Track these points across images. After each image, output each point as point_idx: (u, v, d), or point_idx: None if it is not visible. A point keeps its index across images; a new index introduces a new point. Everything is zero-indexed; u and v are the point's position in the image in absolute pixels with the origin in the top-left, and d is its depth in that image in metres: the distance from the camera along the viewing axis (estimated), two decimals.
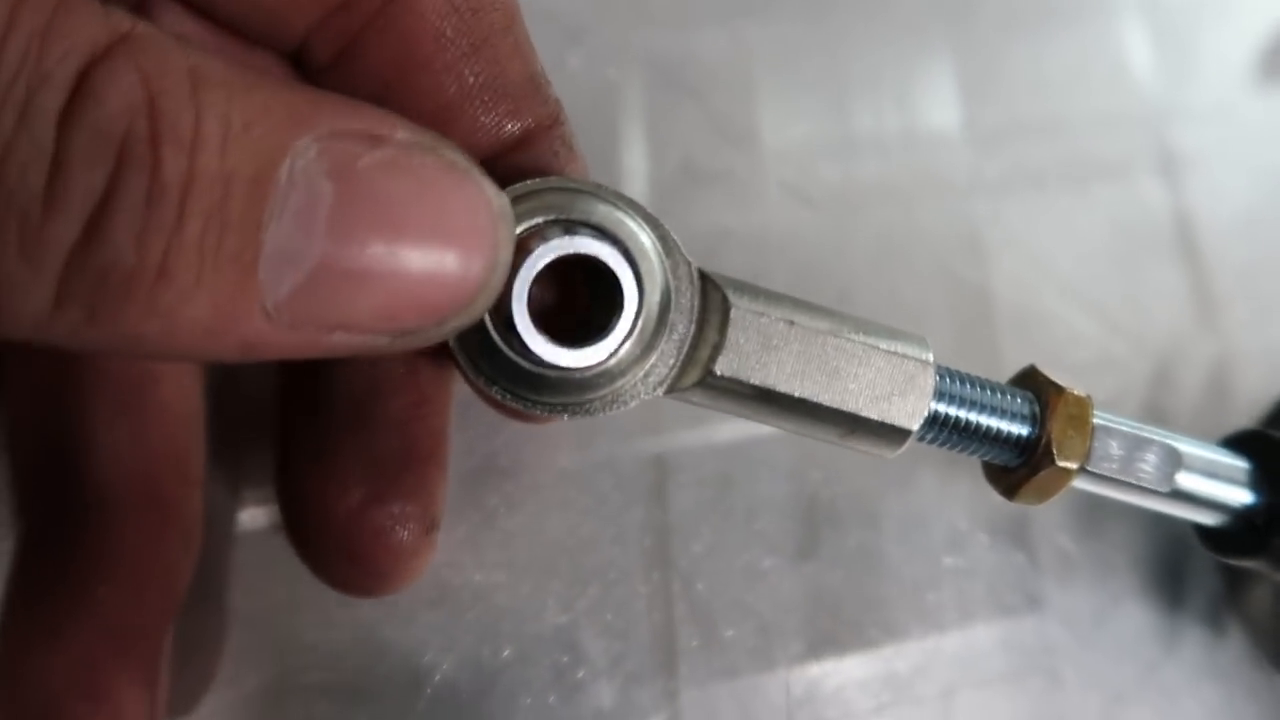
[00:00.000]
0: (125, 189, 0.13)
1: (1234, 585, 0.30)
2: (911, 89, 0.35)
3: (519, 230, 0.18)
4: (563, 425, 0.29)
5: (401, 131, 0.15)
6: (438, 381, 0.23)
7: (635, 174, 0.32)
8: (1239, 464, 0.24)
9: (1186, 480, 0.22)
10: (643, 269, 0.19)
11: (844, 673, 0.28)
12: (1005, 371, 0.23)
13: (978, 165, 0.34)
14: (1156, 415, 0.32)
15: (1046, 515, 0.30)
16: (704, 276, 0.20)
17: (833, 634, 0.28)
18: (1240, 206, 0.36)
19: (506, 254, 0.17)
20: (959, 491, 0.30)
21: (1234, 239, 0.35)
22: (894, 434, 0.20)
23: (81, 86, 0.12)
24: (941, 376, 0.21)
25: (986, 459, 0.22)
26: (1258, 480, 0.24)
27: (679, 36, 0.33)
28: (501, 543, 0.28)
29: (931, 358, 0.20)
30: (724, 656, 0.28)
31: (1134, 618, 0.30)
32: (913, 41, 0.35)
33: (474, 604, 0.27)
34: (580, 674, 0.27)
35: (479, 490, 0.28)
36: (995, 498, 0.30)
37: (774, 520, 0.29)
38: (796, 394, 0.20)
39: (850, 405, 0.20)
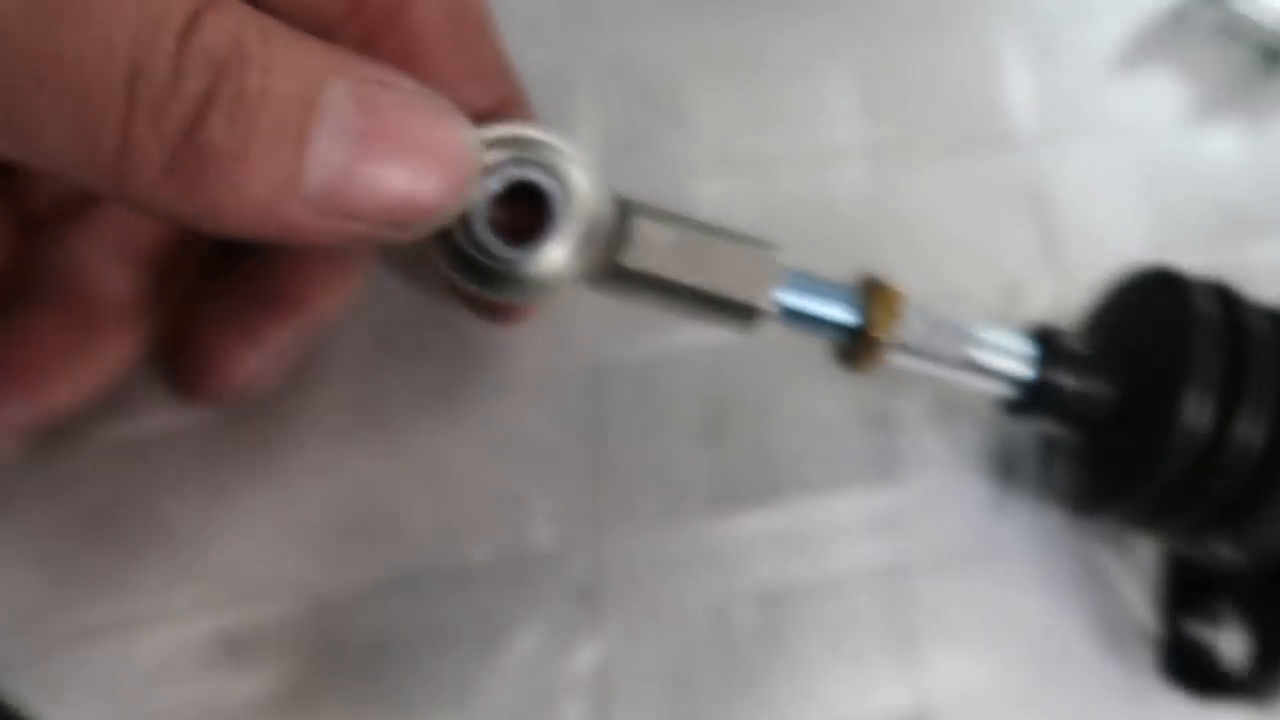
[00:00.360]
0: (222, 91, 0.19)
1: (1049, 463, 0.37)
2: (819, 77, 0.42)
3: (485, 161, 0.25)
4: (524, 338, 0.37)
5: (406, 81, 0.22)
6: (331, 267, 0.30)
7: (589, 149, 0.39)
8: (1028, 349, 0.31)
9: (979, 354, 0.30)
10: (575, 195, 0.26)
11: (739, 530, 0.36)
12: None
13: (873, 139, 0.42)
14: None
15: (909, 410, 0.38)
16: (621, 199, 0.27)
17: (730, 500, 0.36)
18: (1090, 176, 0.43)
19: (475, 173, 0.24)
20: (840, 393, 0.38)
21: (1082, 202, 0.43)
22: (749, 312, 0.27)
23: (193, 21, 0.19)
24: (791, 272, 0.28)
25: (832, 339, 0.29)
26: (1042, 361, 0.31)
27: (624, 35, 0.41)
28: (474, 426, 0.35)
29: (780, 257, 0.28)
30: (641, 514, 0.35)
31: (975, 491, 0.38)
32: (821, 39, 0.42)
33: (449, 471, 0.35)
34: (529, 522, 0.35)
35: (459, 386, 0.36)
36: (869, 397, 0.38)
37: (687, 414, 0.37)
38: (680, 281, 0.27)
39: (720, 290, 0.27)
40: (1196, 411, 0.29)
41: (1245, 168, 0.42)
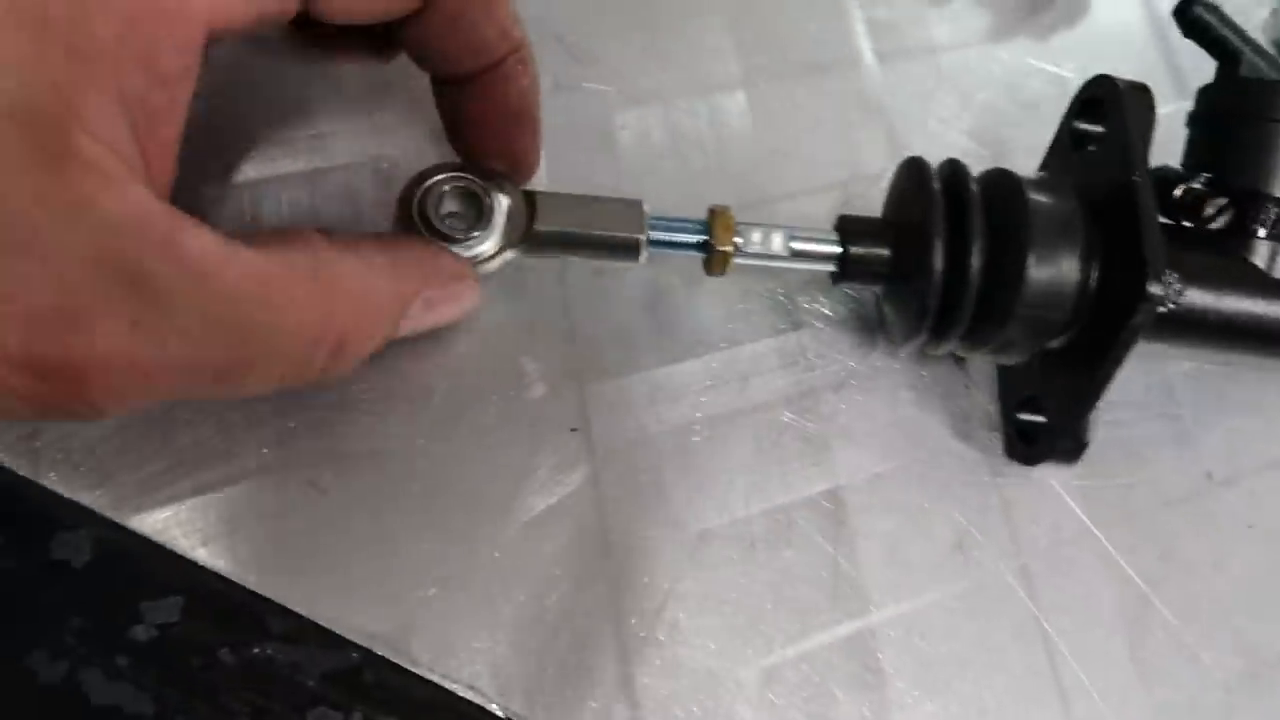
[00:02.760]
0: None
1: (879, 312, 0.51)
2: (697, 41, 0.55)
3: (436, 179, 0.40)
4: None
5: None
6: None
7: None
8: (834, 237, 0.44)
9: (797, 245, 0.43)
10: (498, 200, 0.40)
11: (684, 372, 0.49)
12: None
13: (745, 73, 0.55)
14: None
15: (803, 288, 0.52)
16: (526, 192, 0.41)
17: (674, 353, 0.50)
18: (918, 90, 0.56)
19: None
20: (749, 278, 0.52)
21: (914, 107, 0.55)
22: (634, 246, 0.42)
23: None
24: (654, 216, 0.42)
25: (697, 254, 0.43)
26: (839, 241, 0.44)
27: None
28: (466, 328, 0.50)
29: (646, 207, 0.42)
30: (608, 366, 0.49)
31: (850, 336, 0.51)
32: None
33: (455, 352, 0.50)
34: (526, 381, 0.49)
35: None
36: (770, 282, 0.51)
37: (631, 293, 0.51)
38: (573, 230, 0.41)
39: (610, 233, 0.42)
40: (936, 258, 0.42)
41: (1034, 71, 0.52)
